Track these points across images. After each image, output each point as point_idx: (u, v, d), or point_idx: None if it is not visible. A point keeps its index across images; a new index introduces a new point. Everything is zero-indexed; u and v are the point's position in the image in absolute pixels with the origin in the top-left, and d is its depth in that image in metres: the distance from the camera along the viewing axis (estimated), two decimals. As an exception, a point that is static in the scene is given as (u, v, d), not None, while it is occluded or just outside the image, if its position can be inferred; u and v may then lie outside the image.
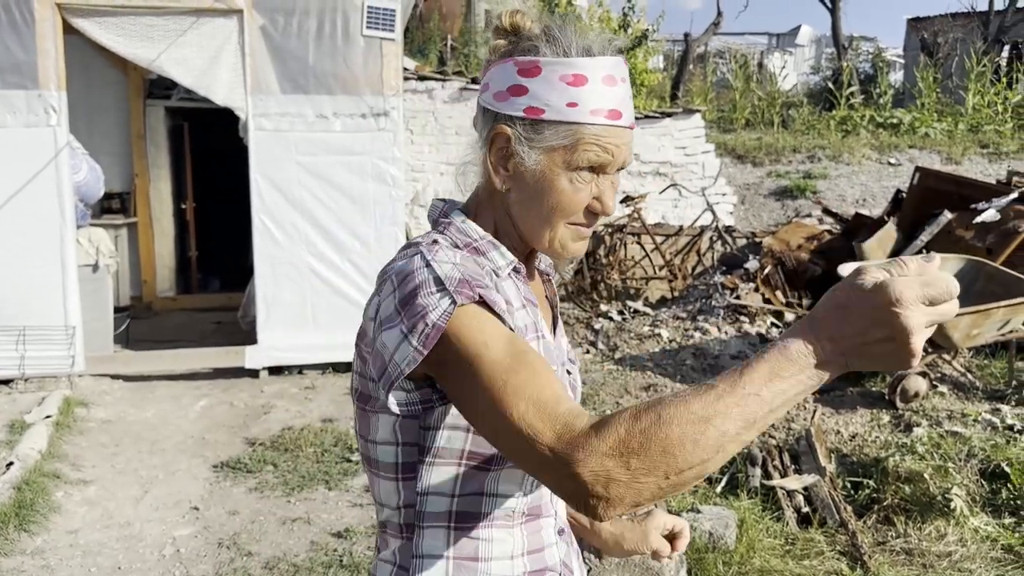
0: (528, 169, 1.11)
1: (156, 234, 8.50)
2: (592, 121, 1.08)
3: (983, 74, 13.91)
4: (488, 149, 1.14)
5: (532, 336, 1.13)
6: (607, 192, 1.13)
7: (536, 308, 1.17)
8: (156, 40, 5.57)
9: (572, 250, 1.16)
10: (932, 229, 6.65)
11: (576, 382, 1.26)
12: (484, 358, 0.97)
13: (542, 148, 1.10)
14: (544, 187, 1.11)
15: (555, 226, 1.12)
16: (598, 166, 1.10)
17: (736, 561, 3.34)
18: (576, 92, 1.08)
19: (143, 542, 3.70)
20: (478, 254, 1.13)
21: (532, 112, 1.09)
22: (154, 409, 5.43)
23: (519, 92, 1.10)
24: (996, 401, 5.05)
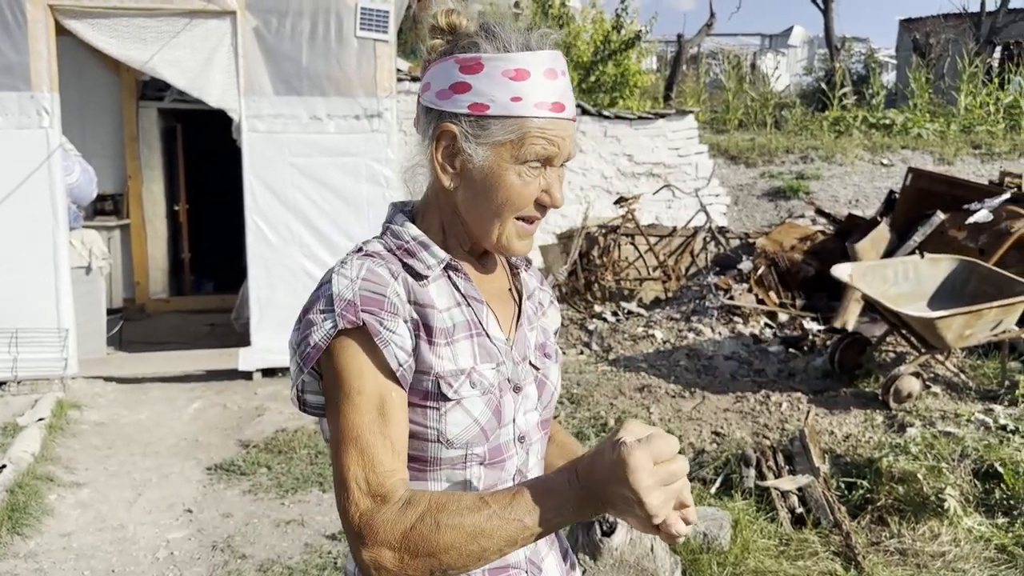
0: (476, 166, 1.11)
1: (149, 236, 8.48)
2: (537, 114, 1.09)
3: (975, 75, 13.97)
4: (434, 148, 1.14)
5: (464, 334, 1.13)
6: (555, 184, 1.14)
7: (481, 304, 1.17)
8: (149, 42, 5.55)
9: (517, 248, 1.16)
10: (925, 230, 6.67)
11: (548, 377, 1.25)
12: (351, 402, 1.04)
13: (489, 144, 1.10)
14: (493, 182, 1.11)
15: (505, 221, 1.13)
16: (545, 159, 1.11)
17: (731, 562, 3.34)
18: (519, 86, 1.09)
19: (136, 545, 3.69)
20: (409, 256, 1.14)
21: (477, 108, 1.10)
22: (147, 411, 5.41)
23: (462, 89, 1.11)
24: (989, 401, 5.07)
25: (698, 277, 7.67)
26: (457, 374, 1.11)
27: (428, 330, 1.11)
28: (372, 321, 1.05)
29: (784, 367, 5.86)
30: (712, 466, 4.18)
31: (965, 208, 6.73)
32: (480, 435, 1.12)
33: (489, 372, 1.14)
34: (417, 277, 1.13)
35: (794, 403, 5.06)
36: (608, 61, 12.15)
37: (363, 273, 1.09)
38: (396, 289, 1.09)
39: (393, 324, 1.07)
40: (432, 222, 1.19)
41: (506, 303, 1.24)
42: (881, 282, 5.42)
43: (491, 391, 1.13)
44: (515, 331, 1.22)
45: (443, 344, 1.11)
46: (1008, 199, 6.66)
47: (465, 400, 1.11)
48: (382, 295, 1.07)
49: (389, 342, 1.06)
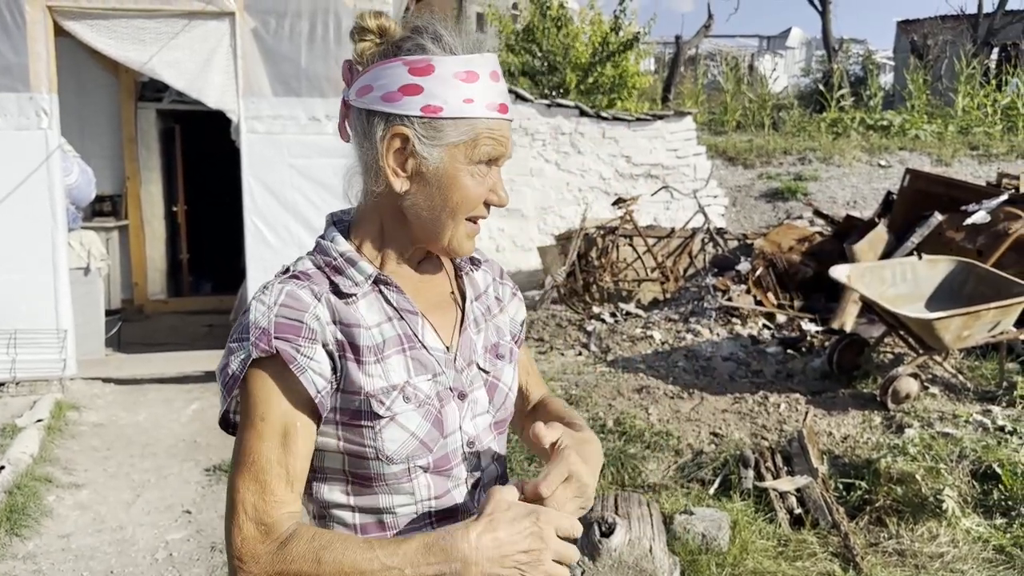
0: (431, 168, 1.11)
1: (147, 237, 8.48)
2: (487, 115, 1.11)
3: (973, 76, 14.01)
4: (384, 151, 1.11)
5: (396, 348, 1.12)
6: (499, 183, 1.16)
7: (416, 316, 1.16)
8: (148, 43, 5.55)
9: (467, 248, 1.17)
10: (922, 231, 6.69)
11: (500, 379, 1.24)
12: (254, 428, 1.05)
13: (443, 145, 1.10)
14: (448, 183, 1.11)
15: (458, 223, 1.14)
16: (492, 159, 1.13)
17: (729, 563, 3.35)
18: (470, 88, 1.10)
19: (135, 546, 3.69)
20: (336, 273, 1.13)
21: (430, 111, 1.09)
22: (146, 412, 5.41)
23: (413, 91, 1.09)
24: (987, 402, 5.08)
25: (696, 278, 7.67)
26: (389, 391, 1.10)
27: (355, 349, 1.09)
28: (286, 348, 1.05)
29: (782, 368, 5.87)
30: (710, 467, 4.19)
31: (963, 209, 6.75)
32: (420, 448, 1.11)
33: (424, 384, 1.13)
34: (343, 296, 1.11)
35: (792, 404, 5.07)
36: (606, 62, 12.16)
37: (281, 299, 1.08)
38: (316, 312, 1.08)
39: (310, 350, 1.06)
40: (369, 230, 1.17)
41: (447, 309, 1.22)
42: (879, 283, 5.43)
43: (428, 403, 1.12)
44: (458, 336, 1.20)
45: (372, 362, 1.10)
46: (1006, 200, 6.68)
47: (400, 416, 1.10)
48: (299, 321, 1.06)
49: (306, 368, 1.06)
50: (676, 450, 4.43)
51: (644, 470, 4.23)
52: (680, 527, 3.47)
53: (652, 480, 4.15)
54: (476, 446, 1.19)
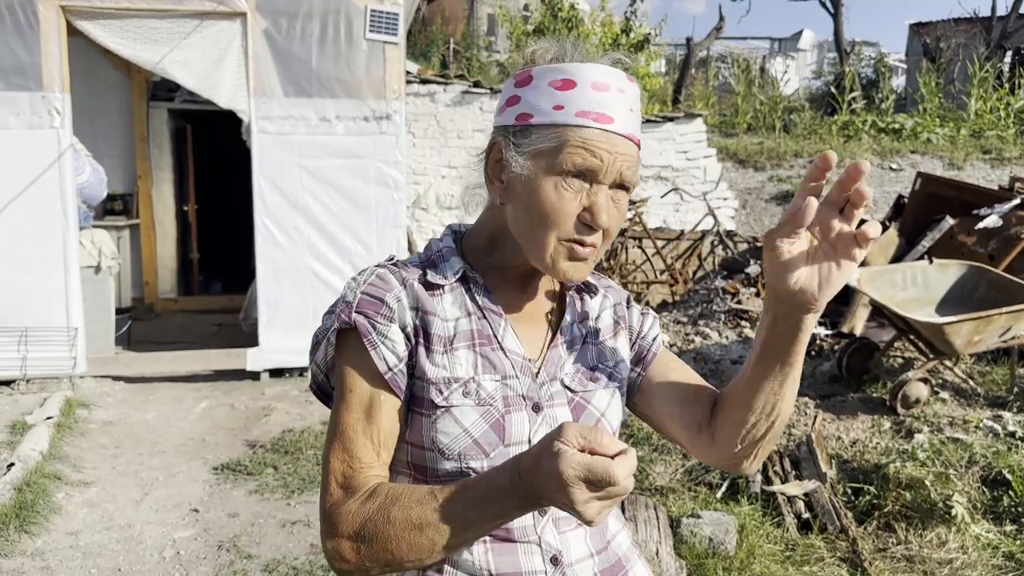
0: (516, 175, 1.09)
1: (158, 236, 8.52)
2: (578, 123, 1.06)
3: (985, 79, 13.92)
4: (486, 162, 1.14)
5: (466, 343, 1.12)
6: (599, 203, 1.07)
7: (499, 318, 1.15)
8: (160, 43, 5.58)
9: (564, 270, 1.11)
10: (934, 235, 6.65)
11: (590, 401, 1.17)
12: (345, 400, 1.09)
13: (528, 152, 1.08)
14: (531, 193, 1.08)
15: (547, 239, 1.09)
16: (586, 171, 1.06)
17: (736, 567, 3.34)
18: (563, 95, 1.07)
19: (143, 544, 3.70)
20: (432, 267, 1.16)
21: (522, 119, 1.09)
22: (155, 411, 5.44)
23: (513, 102, 1.11)
24: (998, 408, 5.04)
25: (705, 281, 7.65)
26: (450, 381, 1.09)
27: (427, 336, 1.11)
28: (363, 322, 1.08)
29: (791, 372, 5.84)
30: (718, 471, 4.18)
31: (974, 213, 6.71)
32: (474, 448, 1.08)
33: (490, 384, 1.11)
34: (431, 287, 1.13)
35: (801, 408, 5.05)
36: (617, 64, 12.13)
37: (370, 279, 1.12)
38: (398, 295, 1.11)
39: (385, 327, 1.09)
40: (479, 236, 1.19)
41: (539, 325, 1.20)
42: (889, 287, 5.40)
43: (490, 403, 1.10)
44: (546, 351, 1.18)
45: (440, 352, 1.10)
46: (1018, 204, 6.64)
47: (456, 409, 1.08)
48: (380, 299, 1.10)
49: (378, 344, 1.08)
50: (683, 454, 4.42)
51: (651, 473, 4.22)
52: (687, 530, 3.46)
53: (659, 483, 4.14)
54: None
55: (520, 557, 1.09)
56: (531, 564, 1.10)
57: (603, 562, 1.15)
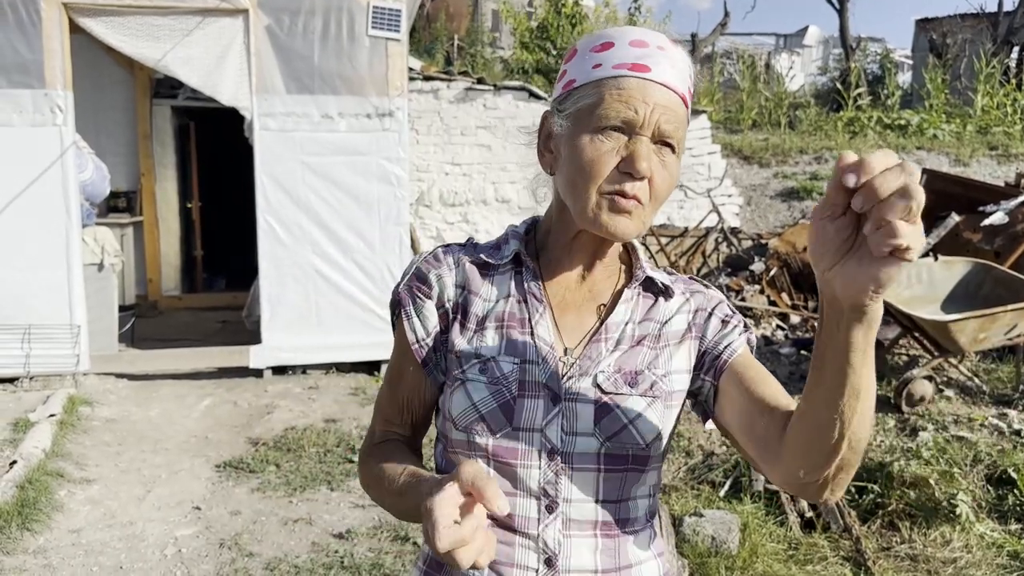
0: (559, 136, 1.11)
1: (162, 233, 8.53)
2: (614, 74, 1.05)
3: (992, 76, 13.85)
4: (538, 138, 1.17)
5: (495, 324, 1.14)
6: (638, 150, 1.03)
7: (540, 304, 1.14)
8: (162, 40, 5.57)
9: (607, 223, 1.05)
10: (939, 232, 6.62)
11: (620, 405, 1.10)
12: (391, 360, 1.24)
13: (570, 113, 1.09)
14: (571, 150, 1.07)
15: (588, 191, 1.05)
16: (624, 124, 1.03)
17: (739, 566, 3.32)
18: (601, 55, 1.07)
19: (145, 542, 3.70)
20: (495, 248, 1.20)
21: (567, 87, 1.11)
22: (158, 408, 5.44)
23: (561, 77, 1.14)
24: (1003, 406, 5.02)
25: (710, 278, 7.63)
26: (471, 356, 1.13)
27: (465, 314, 1.15)
28: (405, 296, 1.18)
29: (796, 370, 5.83)
30: (721, 469, 4.16)
31: (980, 210, 6.67)
32: (480, 423, 1.09)
33: (507, 365, 1.11)
34: (485, 267, 1.18)
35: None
36: (621, 60, 12.11)
37: (426, 257, 1.20)
38: (442, 273, 1.17)
39: (421, 303, 1.17)
40: (548, 219, 1.21)
41: (586, 315, 1.16)
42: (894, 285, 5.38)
43: (502, 383, 1.09)
44: (586, 344, 1.13)
45: (471, 329, 1.15)
46: (1024, 201, 6.59)
47: (469, 383, 1.11)
48: (424, 276, 1.17)
49: (411, 316, 1.17)
50: (687, 451, 4.40)
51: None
52: (689, 529, 3.45)
53: (662, 481, 4.12)
54: (558, 463, 1.08)
55: (516, 549, 1.08)
56: (524, 559, 1.08)
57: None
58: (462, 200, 8.96)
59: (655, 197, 1.06)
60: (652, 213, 1.09)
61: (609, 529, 1.10)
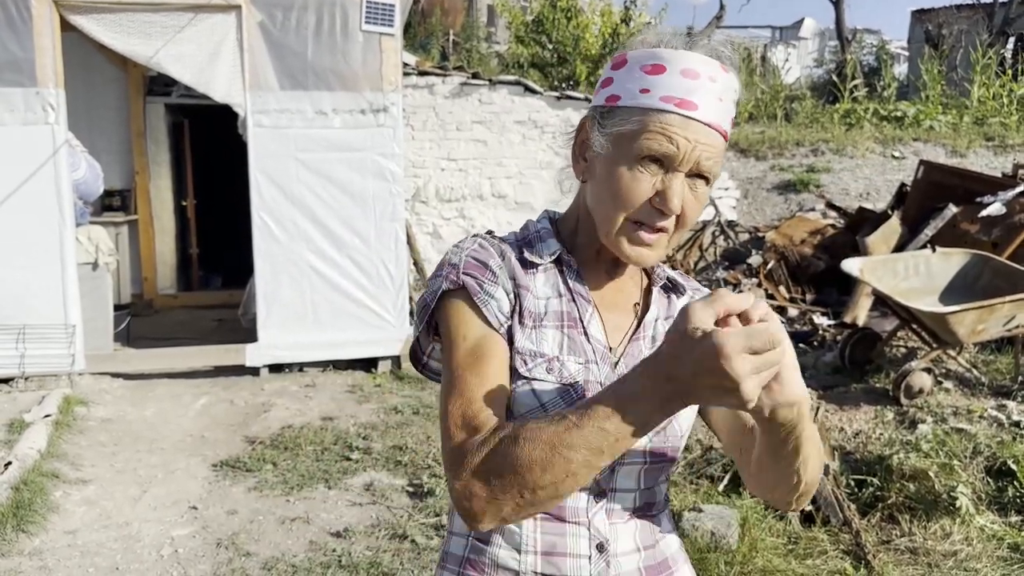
0: (597, 154, 1.11)
1: (157, 231, 8.49)
2: (661, 107, 1.05)
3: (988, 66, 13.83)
4: (574, 140, 1.16)
5: (555, 323, 1.13)
6: (673, 188, 1.06)
7: (587, 303, 1.15)
8: (154, 37, 5.53)
9: (627, 252, 1.10)
10: (936, 223, 6.60)
11: None
12: (457, 348, 1.09)
13: (611, 133, 1.09)
14: (607, 173, 1.09)
15: (615, 219, 1.09)
16: (663, 157, 1.06)
17: (739, 561, 3.31)
18: (652, 79, 1.06)
19: (141, 542, 3.68)
20: (528, 246, 1.18)
21: (611, 100, 1.10)
22: (154, 408, 5.41)
23: (607, 84, 1.12)
24: (1002, 397, 5.01)
25: (707, 272, 7.61)
26: (535, 355, 1.10)
27: (520, 309, 1.12)
28: (472, 283, 1.10)
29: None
30: (720, 463, 4.14)
31: (978, 201, 6.66)
32: None
33: (573, 365, 1.11)
34: (526, 264, 1.15)
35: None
36: (617, 54, 12.10)
37: (473, 246, 1.15)
38: (499, 263, 1.13)
39: (492, 288, 1.11)
40: (569, 219, 1.21)
41: (624, 315, 1.20)
42: (892, 276, 5.36)
43: (570, 382, 1.10)
44: (627, 344, 1.17)
45: (530, 326, 1.12)
46: (1021, 192, 6.58)
47: (536, 383, 1.09)
48: (485, 263, 1.12)
49: (487, 302, 1.10)
50: (685, 446, 4.38)
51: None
52: (689, 524, 3.43)
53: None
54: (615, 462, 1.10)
55: (568, 538, 1.11)
56: (577, 547, 1.11)
57: (649, 559, 1.15)
58: (458, 196, 8.93)
59: (682, 225, 1.11)
60: (678, 239, 1.15)
61: (643, 513, 1.17)
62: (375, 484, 4.16)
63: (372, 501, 4.00)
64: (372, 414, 5.21)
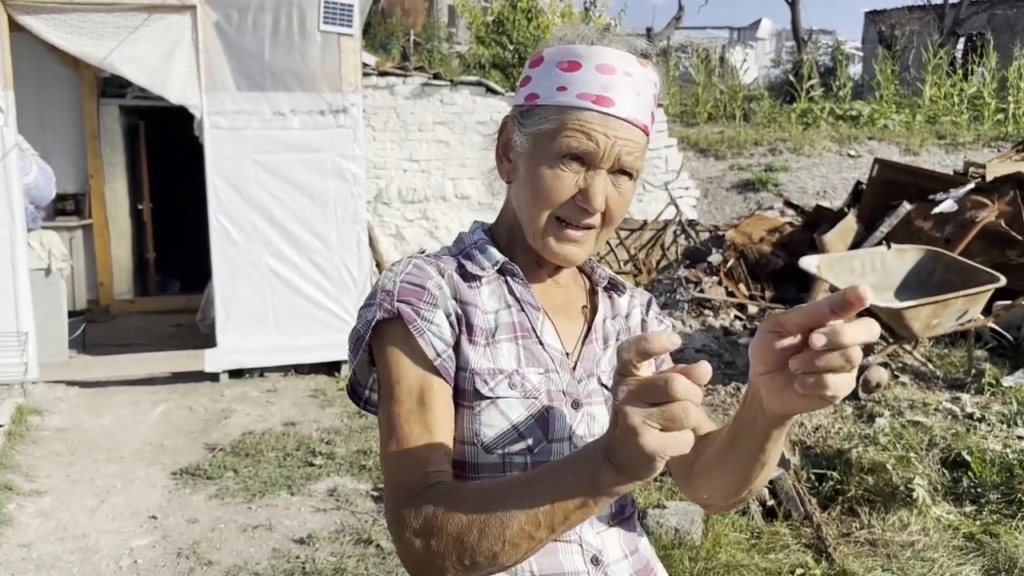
0: (519, 154, 1.10)
1: (112, 236, 8.33)
2: (578, 104, 1.04)
3: (939, 66, 14.14)
4: (497, 141, 1.15)
5: (508, 336, 1.09)
6: (595, 186, 1.05)
7: (537, 311, 1.12)
8: (107, 37, 5.42)
9: (555, 250, 1.09)
10: (891, 220, 6.73)
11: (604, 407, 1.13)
12: (393, 392, 1.03)
13: (531, 133, 1.08)
14: (529, 173, 1.08)
15: (540, 219, 1.08)
16: (583, 155, 1.05)
17: (702, 556, 3.34)
18: (568, 77, 1.05)
19: (99, 554, 3.60)
20: (467, 259, 1.13)
21: (530, 99, 1.09)
22: (111, 416, 5.30)
23: (525, 82, 1.11)
24: (956, 390, 5.12)
25: (669, 270, 7.67)
26: (495, 372, 1.06)
27: (469, 327, 1.08)
28: (407, 311, 1.04)
29: (755, 359, 5.89)
30: (684, 460, 4.17)
31: (931, 198, 6.80)
32: (519, 441, 1.05)
33: (534, 376, 1.08)
34: (469, 278, 1.11)
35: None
36: (577, 55, 12.13)
37: (408, 268, 1.09)
38: (438, 283, 1.08)
39: (430, 314, 1.05)
40: (503, 224, 1.18)
41: (574, 319, 1.18)
42: (848, 273, 5.45)
43: (534, 395, 1.07)
44: (581, 347, 1.15)
45: (483, 344, 1.08)
46: (972, 189, 6.74)
47: (502, 401, 1.05)
48: (421, 286, 1.06)
49: (424, 331, 1.04)
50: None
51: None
52: (653, 521, 3.45)
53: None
54: None
55: (561, 557, 1.07)
56: (573, 564, 1.08)
57: (636, 563, 1.14)
58: (421, 197, 8.89)
59: (609, 222, 1.10)
60: (605, 236, 1.13)
61: (620, 518, 1.15)
62: (339, 489, 4.12)
63: (336, 506, 3.96)
64: (335, 418, 5.16)
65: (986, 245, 6.22)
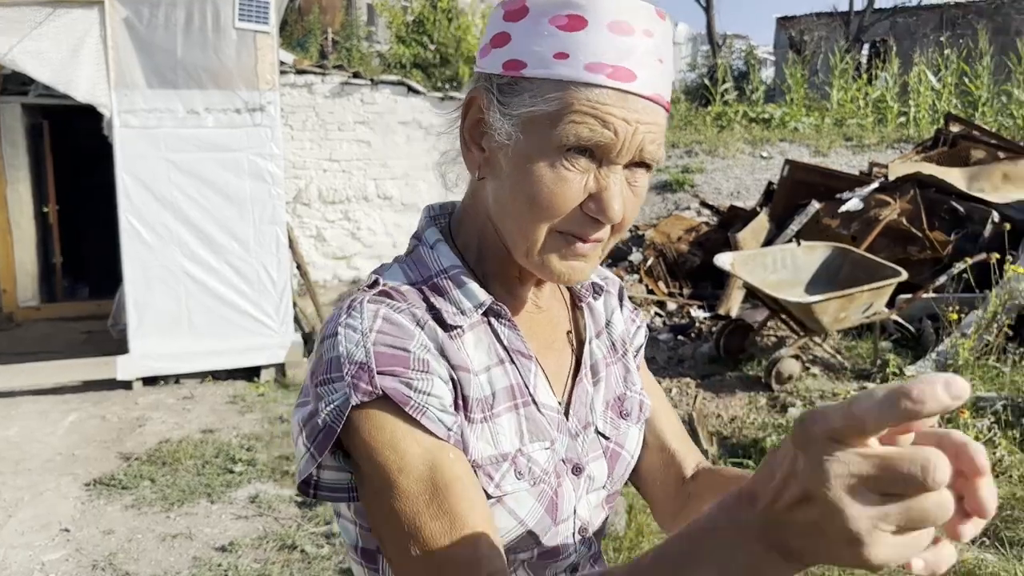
0: (501, 146, 0.80)
1: (16, 240, 7.97)
2: (588, 80, 0.75)
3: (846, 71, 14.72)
4: (462, 122, 0.85)
5: (507, 404, 0.84)
6: (611, 190, 0.78)
7: (529, 361, 0.88)
8: (7, 32, 5.18)
9: (559, 270, 0.82)
10: (801, 219, 6.98)
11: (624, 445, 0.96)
12: (396, 489, 0.75)
13: (518, 117, 0.78)
14: (518, 171, 0.79)
15: (534, 231, 0.80)
16: (595, 147, 0.77)
17: (626, 547, 3.40)
18: (568, 38, 0.76)
19: (8, 570, 3.44)
20: (437, 294, 0.84)
21: (511, 67, 0.78)
22: (18, 426, 5.08)
23: (501, 42, 0.80)
24: (863, 380, 5.34)
25: (590, 269, 7.77)
26: (499, 461, 0.82)
27: (465, 401, 0.81)
28: (395, 387, 0.76)
29: (673, 354, 6.02)
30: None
31: (838, 197, 7.08)
32: (528, 539, 0.83)
33: (541, 454, 0.85)
34: (447, 327, 0.83)
35: (683, 388, 5.21)
36: (498, 56, 12.19)
37: (377, 325, 0.78)
38: (423, 342, 0.79)
39: (426, 383, 0.77)
40: (470, 231, 0.88)
41: (561, 351, 0.93)
42: (761, 270, 5.63)
43: (544, 480, 0.84)
44: (571, 388, 0.92)
45: (480, 420, 0.82)
46: (876, 188, 7.05)
47: (509, 497, 0.82)
48: (403, 348, 0.78)
49: (426, 407, 0.77)
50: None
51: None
52: (577, 516, 3.50)
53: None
54: (587, 532, 0.91)
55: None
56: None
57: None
58: (342, 197, 8.78)
59: (620, 229, 0.83)
60: (613, 244, 0.86)
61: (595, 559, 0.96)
62: (261, 496, 4.04)
63: (258, 513, 3.89)
64: (256, 424, 5.06)
65: (889, 241, 6.52)
